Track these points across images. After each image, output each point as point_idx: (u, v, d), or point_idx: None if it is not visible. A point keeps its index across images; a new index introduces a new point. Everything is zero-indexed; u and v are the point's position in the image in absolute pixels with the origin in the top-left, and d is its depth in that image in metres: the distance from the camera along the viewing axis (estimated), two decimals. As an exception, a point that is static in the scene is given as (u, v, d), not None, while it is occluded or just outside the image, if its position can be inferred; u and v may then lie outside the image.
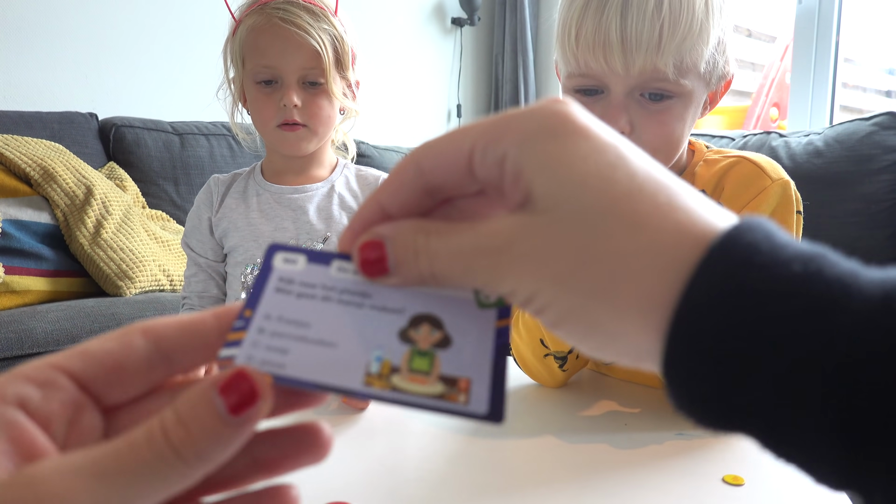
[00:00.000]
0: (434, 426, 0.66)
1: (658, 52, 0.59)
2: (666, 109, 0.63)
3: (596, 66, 0.63)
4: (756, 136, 2.08)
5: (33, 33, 1.96)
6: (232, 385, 0.20)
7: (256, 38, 0.91)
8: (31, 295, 1.44)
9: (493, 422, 0.23)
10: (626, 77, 0.62)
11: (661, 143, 0.64)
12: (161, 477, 0.19)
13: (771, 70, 3.42)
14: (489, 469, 0.56)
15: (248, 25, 0.91)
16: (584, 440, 0.62)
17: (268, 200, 0.97)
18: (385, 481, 0.53)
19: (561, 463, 0.57)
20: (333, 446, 0.25)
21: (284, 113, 0.91)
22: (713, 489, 0.52)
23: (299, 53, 0.90)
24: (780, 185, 0.66)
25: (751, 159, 0.69)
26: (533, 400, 0.73)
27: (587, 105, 0.66)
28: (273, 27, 0.90)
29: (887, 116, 1.82)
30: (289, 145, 0.94)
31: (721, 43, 0.64)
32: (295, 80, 0.91)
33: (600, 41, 0.61)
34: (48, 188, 1.56)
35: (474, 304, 0.25)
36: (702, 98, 0.66)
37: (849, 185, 1.83)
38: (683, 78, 0.62)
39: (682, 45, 0.60)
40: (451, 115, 3.14)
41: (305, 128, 0.93)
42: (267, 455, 0.23)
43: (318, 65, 0.91)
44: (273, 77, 0.91)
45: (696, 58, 0.61)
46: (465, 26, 3.10)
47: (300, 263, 0.25)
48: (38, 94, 1.99)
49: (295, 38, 0.89)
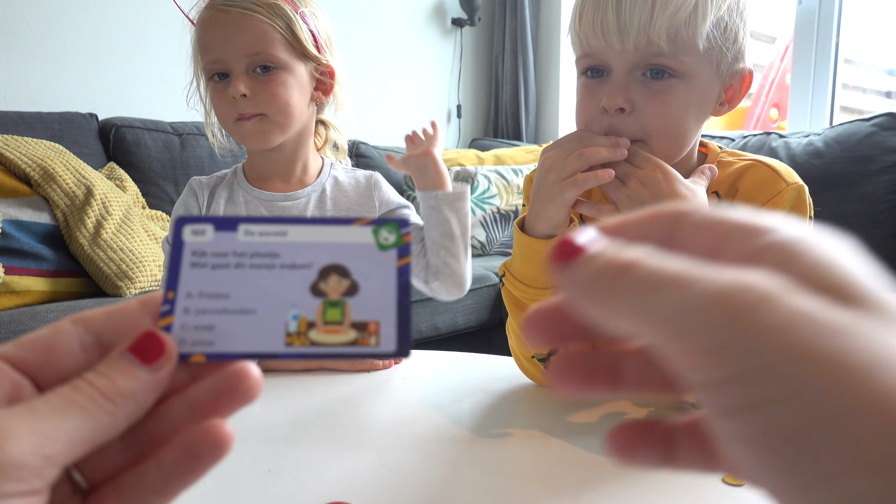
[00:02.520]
0: (434, 426, 0.66)
1: (650, 24, 0.59)
2: (667, 89, 0.63)
3: (595, 42, 0.63)
4: (756, 137, 2.08)
5: (34, 34, 1.96)
6: (141, 344, 0.23)
7: (202, 32, 0.87)
8: (31, 295, 1.44)
9: (400, 357, 0.24)
10: (624, 52, 0.62)
11: (662, 124, 0.63)
12: (90, 416, 0.21)
13: (771, 70, 3.42)
14: (489, 469, 0.56)
15: (198, 22, 0.87)
16: (584, 440, 0.62)
17: (257, 208, 0.93)
18: (385, 482, 0.53)
19: (561, 463, 0.57)
20: (328, 446, 0.25)
21: (236, 105, 0.86)
22: (713, 489, 0.52)
23: (241, 37, 0.84)
24: (795, 190, 0.66)
25: (766, 163, 0.69)
26: (533, 400, 0.73)
27: (593, 87, 0.66)
28: (213, 16, 0.85)
29: (887, 117, 1.82)
30: (250, 138, 0.88)
31: (727, 28, 0.63)
32: (242, 69, 0.85)
33: (599, 18, 0.62)
34: (48, 188, 1.56)
35: (375, 247, 0.26)
36: (711, 87, 0.65)
37: (849, 186, 1.83)
38: (682, 54, 0.61)
39: (675, 16, 0.59)
40: (452, 115, 3.14)
41: (263, 116, 0.87)
42: (201, 400, 0.24)
43: (265, 48, 0.85)
44: (223, 69, 0.86)
45: (693, 32, 0.60)
46: (465, 27, 3.10)
47: (208, 234, 0.26)
48: (39, 95, 1.99)
49: (234, 21, 0.84)
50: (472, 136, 3.21)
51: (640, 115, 0.63)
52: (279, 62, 0.86)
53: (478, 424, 0.66)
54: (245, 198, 0.93)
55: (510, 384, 0.78)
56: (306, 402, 0.74)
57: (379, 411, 0.71)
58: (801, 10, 2.34)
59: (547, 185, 0.63)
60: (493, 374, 0.81)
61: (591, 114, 0.66)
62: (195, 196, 0.93)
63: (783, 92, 3.32)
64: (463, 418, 0.67)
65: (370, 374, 0.84)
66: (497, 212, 2.33)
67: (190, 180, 0.96)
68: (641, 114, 0.63)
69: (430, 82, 3.05)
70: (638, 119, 0.63)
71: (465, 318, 1.85)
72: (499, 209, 2.34)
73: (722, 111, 0.68)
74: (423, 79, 3.02)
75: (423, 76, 3.02)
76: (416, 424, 0.66)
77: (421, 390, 0.78)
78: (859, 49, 3.03)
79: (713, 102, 0.66)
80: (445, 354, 0.93)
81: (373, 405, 0.73)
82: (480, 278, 1.92)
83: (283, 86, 0.86)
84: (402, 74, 2.93)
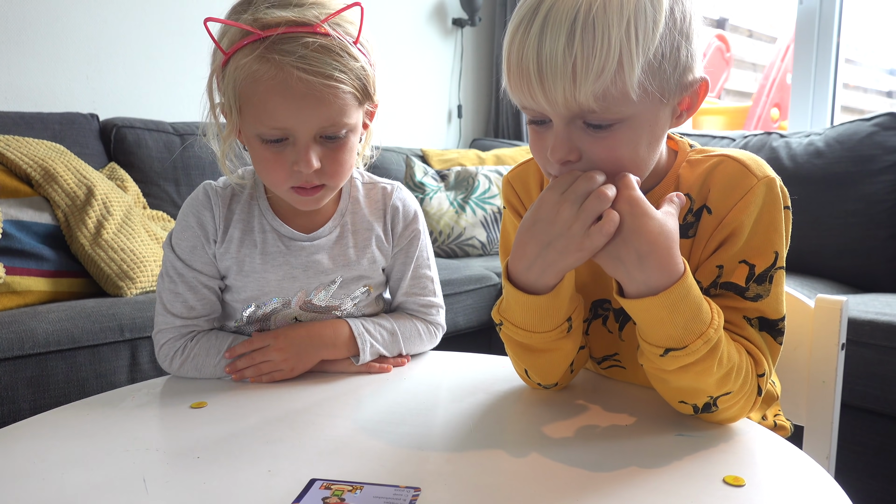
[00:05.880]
0: (434, 426, 0.66)
1: (574, 87, 0.56)
2: (611, 135, 0.60)
3: (522, 98, 0.61)
4: (757, 137, 2.08)
5: (35, 34, 1.96)
6: None
7: (262, 92, 0.71)
8: (32, 295, 1.44)
9: None
10: (556, 108, 0.59)
11: (613, 167, 0.60)
12: None
13: (772, 70, 3.42)
14: (489, 469, 0.56)
15: (249, 71, 0.71)
16: (584, 441, 0.62)
17: (275, 243, 0.84)
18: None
19: (561, 464, 0.57)
20: (329, 447, 0.25)
21: (299, 177, 0.76)
22: (714, 490, 0.52)
23: (319, 110, 0.72)
24: (766, 184, 0.64)
25: (735, 157, 0.67)
26: (533, 401, 0.73)
27: (538, 135, 0.64)
28: (287, 83, 0.70)
29: (888, 117, 1.81)
30: (304, 205, 0.80)
31: (664, 57, 0.58)
32: (311, 137, 0.74)
33: (523, 72, 0.58)
34: (49, 189, 1.56)
35: None
36: (659, 115, 0.61)
37: (849, 186, 1.83)
38: (616, 107, 0.58)
39: (599, 79, 0.55)
40: (452, 115, 3.14)
41: (325, 187, 0.78)
42: None
43: (341, 119, 0.74)
44: (285, 135, 0.74)
45: (622, 86, 0.56)
46: (465, 27, 3.10)
47: None
48: (40, 95, 1.99)
49: (315, 93, 0.71)
50: (473, 136, 3.21)
51: (589, 160, 0.61)
52: (351, 127, 0.76)
53: (478, 425, 0.66)
54: (263, 226, 0.84)
55: (510, 384, 0.78)
56: (306, 403, 0.74)
57: (378, 411, 0.71)
58: (802, 9, 2.34)
59: (572, 235, 0.58)
60: (493, 375, 0.81)
61: (543, 159, 0.64)
62: (210, 209, 0.83)
63: (784, 92, 3.31)
64: (463, 418, 0.67)
65: (370, 376, 0.84)
66: (497, 212, 2.33)
67: (203, 185, 0.86)
68: (591, 160, 0.61)
69: (430, 82, 3.05)
70: (589, 164, 0.61)
71: (465, 318, 1.85)
72: (499, 209, 2.34)
73: (682, 121, 0.65)
74: (423, 79, 3.02)
75: (424, 76, 3.02)
76: (416, 424, 0.66)
77: (421, 390, 0.77)
78: (860, 49, 3.02)
79: (666, 125, 0.63)
80: (445, 354, 0.93)
81: (373, 405, 0.73)
82: (481, 278, 1.92)
83: (350, 150, 0.78)
84: (403, 74, 2.93)
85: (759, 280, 0.64)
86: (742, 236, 0.64)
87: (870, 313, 1.34)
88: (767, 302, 0.64)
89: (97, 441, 0.64)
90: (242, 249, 0.84)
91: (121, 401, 0.76)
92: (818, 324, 0.76)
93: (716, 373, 0.59)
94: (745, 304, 0.64)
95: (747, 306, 0.64)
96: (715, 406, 0.62)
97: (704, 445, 0.60)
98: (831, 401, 0.76)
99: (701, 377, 0.60)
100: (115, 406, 0.74)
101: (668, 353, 0.59)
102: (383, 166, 2.48)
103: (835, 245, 1.84)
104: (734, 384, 0.61)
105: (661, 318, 0.58)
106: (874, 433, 1.33)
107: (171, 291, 0.84)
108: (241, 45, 0.71)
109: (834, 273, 1.85)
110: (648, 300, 0.58)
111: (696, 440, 0.61)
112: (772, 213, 0.65)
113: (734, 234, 0.65)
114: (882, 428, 1.32)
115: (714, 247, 0.66)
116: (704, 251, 0.67)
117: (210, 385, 0.80)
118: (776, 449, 0.60)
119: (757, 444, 0.61)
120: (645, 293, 0.58)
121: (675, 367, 0.60)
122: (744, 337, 0.64)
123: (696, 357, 0.58)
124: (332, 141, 0.76)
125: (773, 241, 0.64)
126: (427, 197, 2.34)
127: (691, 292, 0.58)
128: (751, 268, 0.64)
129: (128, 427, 0.68)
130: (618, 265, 0.59)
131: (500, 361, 0.85)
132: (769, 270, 0.64)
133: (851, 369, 1.27)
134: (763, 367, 0.63)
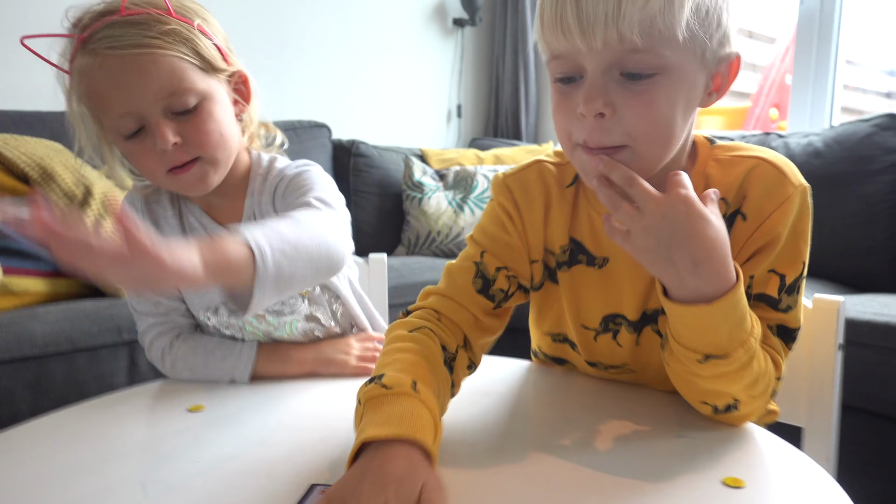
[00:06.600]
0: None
1: (619, 17, 0.52)
2: (649, 88, 0.56)
3: (558, 45, 0.57)
4: (756, 137, 2.08)
5: (32, 33, 1.95)
6: None
7: (94, 86, 0.72)
8: (30, 296, 1.44)
9: None
10: (594, 52, 0.55)
11: (647, 128, 0.57)
12: None
13: (771, 71, 3.42)
14: (488, 471, 0.56)
15: (80, 72, 0.72)
16: (584, 441, 0.61)
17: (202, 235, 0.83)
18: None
19: (561, 464, 0.57)
20: (328, 447, 0.25)
21: (166, 157, 0.74)
22: (713, 491, 0.51)
23: (149, 80, 0.71)
24: (801, 193, 0.62)
25: (770, 161, 0.64)
26: (532, 402, 0.73)
27: (565, 96, 0.59)
28: (103, 64, 0.70)
29: (887, 118, 1.81)
30: (190, 187, 0.78)
31: (709, 12, 0.56)
32: (160, 114, 0.73)
33: (557, 16, 0.55)
34: (47, 188, 1.56)
35: None
36: (697, 78, 0.58)
37: (849, 186, 1.83)
38: (661, 48, 0.54)
39: (648, 6, 0.52)
40: (452, 115, 3.14)
41: (200, 160, 0.76)
42: None
43: (180, 84, 0.73)
44: (138, 123, 0.73)
45: (670, 22, 0.53)
46: (466, 27, 3.10)
47: None
48: (38, 94, 1.98)
49: (133, 64, 0.70)
50: (472, 135, 3.21)
51: (621, 118, 0.57)
52: (199, 93, 0.74)
53: (477, 426, 0.66)
54: (191, 224, 0.85)
55: (510, 385, 0.77)
56: (305, 404, 0.74)
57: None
58: (802, 10, 2.34)
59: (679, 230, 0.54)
60: (494, 375, 0.81)
61: (569, 122, 0.60)
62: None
63: (783, 92, 3.31)
64: (462, 419, 0.67)
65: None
66: (497, 212, 2.33)
67: (122, 199, 0.87)
68: (623, 117, 0.57)
69: (430, 82, 3.05)
70: (620, 123, 0.57)
71: (464, 319, 1.85)
72: (498, 209, 2.34)
73: (710, 101, 0.62)
74: (423, 78, 3.02)
75: (424, 76, 3.02)
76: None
77: (420, 391, 0.77)
78: (860, 50, 3.03)
79: (700, 94, 0.60)
80: (445, 355, 0.92)
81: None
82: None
83: (211, 117, 0.76)
84: (403, 74, 2.93)
85: (788, 291, 0.63)
86: (778, 246, 0.62)
87: (868, 314, 1.34)
88: (793, 312, 0.63)
89: (96, 445, 0.63)
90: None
91: (119, 404, 0.75)
92: (816, 324, 0.76)
93: (746, 378, 0.58)
94: (773, 315, 0.63)
95: (775, 316, 0.63)
96: (736, 408, 0.62)
97: (704, 447, 0.60)
98: (831, 401, 0.76)
99: (732, 383, 0.59)
100: (113, 409, 0.74)
101: (709, 360, 0.57)
102: (383, 166, 2.48)
103: (833, 245, 1.84)
104: (759, 389, 0.60)
105: (708, 326, 0.55)
106: (874, 433, 1.33)
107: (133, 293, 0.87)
108: (74, 54, 0.73)
109: (832, 273, 1.85)
110: (699, 308, 0.54)
111: (695, 442, 0.61)
112: (804, 222, 0.63)
113: (771, 244, 0.62)
114: (882, 428, 1.32)
115: (748, 255, 0.63)
116: (737, 259, 0.60)
117: (208, 388, 0.80)
118: (776, 450, 0.60)
119: (757, 445, 0.61)
120: (695, 300, 0.55)
121: (712, 374, 0.58)
122: (768, 345, 0.63)
123: (736, 366, 0.57)
124: (187, 114, 0.74)
125: (802, 251, 0.63)
126: (425, 196, 2.34)
127: (741, 301, 0.55)
128: (781, 278, 0.62)
129: (126, 431, 0.68)
130: (668, 268, 0.55)
131: (500, 362, 0.85)
132: (797, 281, 0.63)
133: (850, 370, 1.26)
134: (780, 372, 0.63)
